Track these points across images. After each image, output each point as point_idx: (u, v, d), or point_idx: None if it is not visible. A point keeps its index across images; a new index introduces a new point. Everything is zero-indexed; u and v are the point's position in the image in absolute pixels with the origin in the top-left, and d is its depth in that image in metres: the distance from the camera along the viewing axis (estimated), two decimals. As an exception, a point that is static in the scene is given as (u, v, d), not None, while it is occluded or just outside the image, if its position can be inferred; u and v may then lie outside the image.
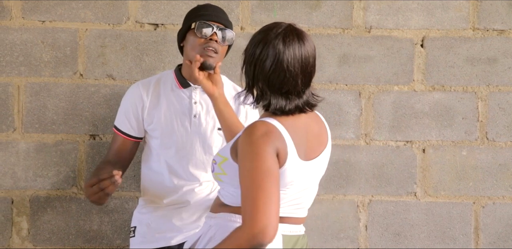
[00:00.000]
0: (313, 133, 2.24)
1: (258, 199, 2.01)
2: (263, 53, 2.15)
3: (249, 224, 2.00)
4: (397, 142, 3.45)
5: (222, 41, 2.81)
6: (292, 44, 2.16)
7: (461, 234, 3.46)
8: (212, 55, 2.78)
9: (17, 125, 3.35)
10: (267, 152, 2.06)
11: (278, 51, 2.14)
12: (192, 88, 2.89)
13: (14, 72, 3.35)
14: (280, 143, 2.11)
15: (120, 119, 2.95)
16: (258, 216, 1.99)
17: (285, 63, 2.14)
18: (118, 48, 3.38)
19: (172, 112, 2.87)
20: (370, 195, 3.44)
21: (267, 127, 2.11)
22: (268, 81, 2.15)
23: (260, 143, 2.07)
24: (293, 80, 2.15)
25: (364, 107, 3.45)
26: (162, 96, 2.90)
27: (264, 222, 1.99)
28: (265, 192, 2.01)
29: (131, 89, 2.95)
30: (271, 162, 2.06)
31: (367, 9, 3.45)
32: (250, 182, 2.04)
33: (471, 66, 3.47)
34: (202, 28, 2.79)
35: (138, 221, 2.97)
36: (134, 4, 3.38)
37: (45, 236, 3.36)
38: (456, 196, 3.46)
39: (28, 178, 3.35)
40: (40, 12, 3.35)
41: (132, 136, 2.94)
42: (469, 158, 3.46)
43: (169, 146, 2.87)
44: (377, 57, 3.45)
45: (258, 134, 2.08)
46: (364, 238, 3.44)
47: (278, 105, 2.16)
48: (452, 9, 3.46)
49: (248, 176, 2.05)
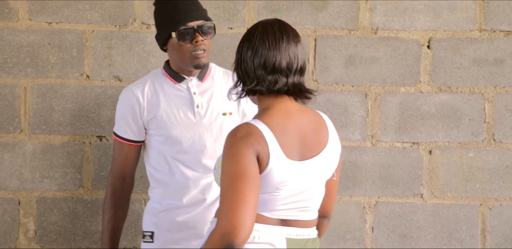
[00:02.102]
0: (309, 133, 2.22)
1: (230, 200, 2.04)
2: (245, 46, 2.22)
3: (220, 224, 2.04)
4: (404, 144, 3.45)
5: (206, 37, 2.78)
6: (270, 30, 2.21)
7: (468, 236, 3.45)
8: (203, 55, 2.78)
9: (23, 126, 3.36)
10: (244, 154, 2.08)
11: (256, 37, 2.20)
12: (188, 80, 2.85)
13: (21, 73, 3.36)
14: (261, 145, 2.11)
15: (119, 126, 2.90)
16: (228, 216, 2.02)
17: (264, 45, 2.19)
18: (124, 49, 3.39)
19: (173, 106, 2.83)
20: (377, 196, 3.44)
21: (248, 129, 2.13)
22: (255, 67, 2.19)
23: (238, 145, 2.09)
24: (276, 60, 2.18)
25: (370, 109, 3.45)
26: (159, 93, 2.85)
27: (234, 223, 2.02)
28: (238, 194, 2.04)
29: (124, 94, 2.90)
30: (248, 164, 2.08)
31: (374, 10, 3.44)
32: (225, 184, 2.08)
33: (478, 67, 3.46)
34: (184, 36, 2.76)
35: (155, 226, 2.89)
36: (140, 6, 3.39)
37: (51, 237, 3.37)
38: (463, 197, 3.45)
39: (35, 179, 3.36)
40: (46, 13, 3.36)
41: (134, 141, 2.90)
42: (475, 159, 3.45)
43: (177, 141, 2.82)
44: (383, 58, 3.44)
45: (238, 137, 2.11)
46: (370, 240, 3.43)
47: (266, 84, 2.19)
48: (459, 10, 3.45)
49: (224, 177, 2.09)
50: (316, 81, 3.43)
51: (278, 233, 2.18)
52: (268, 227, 2.18)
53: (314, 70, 3.44)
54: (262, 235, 2.17)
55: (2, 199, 3.35)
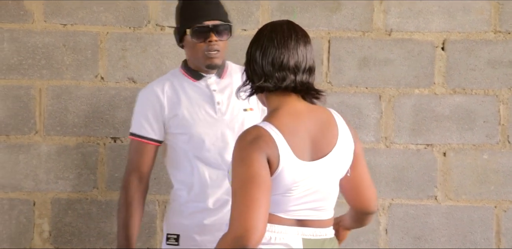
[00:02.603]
0: (318, 132, 2.21)
1: (242, 204, 2.06)
2: (254, 46, 2.23)
3: (232, 228, 2.06)
4: (418, 146, 3.44)
5: (221, 38, 2.77)
6: (278, 29, 2.22)
7: (482, 238, 3.43)
8: (216, 56, 2.77)
9: (38, 127, 3.38)
10: (254, 158, 2.10)
11: (265, 36, 2.21)
12: (207, 77, 2.84)
13: (36, 75, 3.37)
14: (270, 147, 2.12)
15: (138, 125, 2.87)
16: (241, 220, 2.05)
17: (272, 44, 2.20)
18: (138, 51, 3.40)
19: (194, 104, 2.82)
20: (390, 198, 3.43)
21: (257, 132, 2.13)
22: (263, 65, 2.20)
23: (248, 149, 2.11)
24: (284, 58, 2.20)
25: (384, 110, 3.44)
26: (179, 92, 2.84)
27: (246, 227, 2.04)
28: (250, 198, 2.06)
29: (144, 92, 2.88)
30: (258, 168, 2.09)
31: (388, 12, 3.44)
32: (236, 187, 2.09)
33: (493, 69, 3.44)
34: (198, 33, 2.76)
35: (181, 229, 2.86)
36: (154, 7, 3.40)
37: (66, 238, 3.38)
38: (477, 200, 3.44)
39: (50, 181, 3.37)
40: (61, 15, 3.38)
41: (153, 140, 2.87)
42: (490, 161, 3.44)
43: (200, 139, 2.80)
44: (397, 60, 3.44)
45: (247, 140, 2.12)
46: (384, 242, 3.43)
47: (273, 81, 2.20)
48: (474, 12, 3.44)
49: (234, 181, 2.11)
50: (330, 83, 3.43)
51: (294, 234, 2.19)
52: (284, 228, 2.18)
53: (328, 72, 3.44)
54: (278, 235, 2.18)
55: (17, 200, 3.37)
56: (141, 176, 2.89)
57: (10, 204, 3.36)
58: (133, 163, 2.90)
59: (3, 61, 3.36)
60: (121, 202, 2.91)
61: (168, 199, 3.33)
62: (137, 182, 2.88)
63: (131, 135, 2.89)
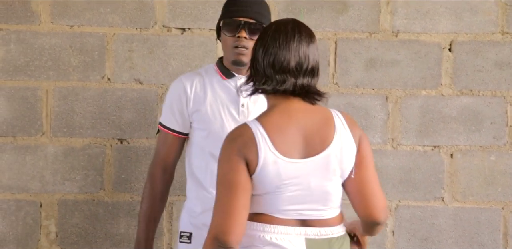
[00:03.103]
0: (313, 131, 2.21)
1: (218, 205, 2.16)
2: (258, 44, 2.25)
3: (211, 229, 2.16)
4: (425, 147, 3.43)
5: (251, 36, 2.76)
6: (282, 29, 2.23)
7: (490, 240, 3.42)
8: (243, 53, 2.76)
9: (45, 129, 3.38)
10: (231, 159, 2.17)
11: (269, 35, 2.23)
12: (237, 78, 2.83)
13: (43, 76, 3.38)
14: (248, 146, 2.16)
15: (166, 116, 2.88)
16: (218, 222, 2.15)
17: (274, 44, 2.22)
18: (145, 52, 3.40)
19: (219, 102, 2.82)
20: (397, 200, 3.43)
21: (239, 131, 2.20)
22: (264, 65, 2.22)
23: (227, 149, 2.19)
24: (285, 60, 2.21)
25: (391, 112, 3.44)
26: (207, 88, 2.84)
27: (223, 228, 2.14)
28: (224, 199, 2.15)
29: (173, 84, 2.89)
30: (233, 169, 2.16)
31: (395, 13, 3.43)
32: (216, 188, 2.19)
33: (500, 70, 3.44)
34: (229, 27, 2.77)
35: (194, 226, 2.86)
36: (161, 9, 3.40)
37: (73, 239, 3.38)
38: (485, 201, 3.43)
39: (56, 182, 3.38)
40: (68, 17, 3.38)
41: (177, 132, 2.87)
42: (497, 163, 3.43)
43: (218, 137, 2.75)
44: (404, 61, 3.43)
45: (228, 139, 2.21)
46: (391, 244, 3.42)
47: (273, 84, 2.22)
48: (481, 13, 3.43)
49: (216, 181, 2.20)
50: (337, 84, 3.42)
51: (296, 234, 2.19)
52: (285, 228, 2.19)
53: (334, 73, 3.43)
54: (279, 236, 2.18)
55: (24, 201, 3.37)
56: (165, 167, 2.91)
57: (17, 205, 3.37)
58: (159, 154, 2.92)
59: (10, 62, 3.37)
60: (144, 191, 2.94)
61: (175, 200, 3.34)
62: (162, 173, 2.91)
63: (159, 124, 2.91)
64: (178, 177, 3.29)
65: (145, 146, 3.38)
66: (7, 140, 3.37)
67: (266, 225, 2.19)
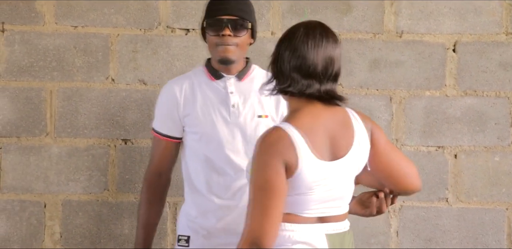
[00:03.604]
0: (337, 132, 2.26)
1: (256, 209, 2.15)
2: (284, 44, 2.25)
3: (246, 233, 2.14)
4: (429, 148, 3.43)
5: (236, 33, 2.76)
6: (311, 33, 2.24)
7: (494, 241, 3.42)
8: (229, 50, 2.75)
9: (49, 129, 3.38)
10: (272, 164, 2.15)
11: (297, 38, 2.23)
12: (226, 78, 2.83)
13: (47, 77, 3.38)
14: (289, 151, 2.16)
15: (158, 121, 2.89)
16: (254, 226, 2.13)
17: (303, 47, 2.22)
18: (149, 53, 3.40)
19: (209, 104, 2.81)
20: (401, 200, 3.42)
21: (278, 135, 2.17)
22: (290, 67, 2.23)
23: (266, 153, 2.16)
24: (312, 65, 2.22)
25: (395, 112, 3.44)
26: (196, 90, 2.83)
27: (260, 232, 2.13)
28: (262, 204, 2.14)
29: (163, 89, 2.90)
30: (274, 174, 2.15)
31: (399, 14, 3.43)
32: (252, 191, 2.16)
33: (504, 71, 3.43)
34: (212, 26, 2.76)
35: (191, 230, 2.86)
36: (165, 10, 3.40)
37: (77, 240, 3.38)
38: (489, 202, 3.43)
39: (60, 182, 3.38)
40: (72, 17, 3.38)
41: (172, 137, 2.87)
42: (502, 163, 3.43)
43: (210, 140, 2.79)
44: (408, 62, 3.43)
45: (267, 144, 2.17)
46: (395, 244, 3.42)
47: (298, 87, 2.23)
48: (485, 14, 3.43)
49: (251, 185, 2.17)
50: (341, 85, 3.42)
51: (317, 231, 2.23)
52: (306, 226, 2.23)
53: (338, 74, 3.43)
54: (301, 234, 2.22)
55: (28, 201, 3.37)
56: (161, 172, 2.91)
57: (21, 206, 3.37)
58: (153, 160, 2.92)
59: (14, 63, 3.37)
60: (141, 200, 2.95)
61: (179, 201, 3.35)
62: (157, 178, 2.91)
63: (152, 130, 2.91)
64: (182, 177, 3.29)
65: (149, 146, 3.37)
66: (11, 140, 3.37)
67: (294, 224, 2.23)
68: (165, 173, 2.93)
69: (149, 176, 2.93)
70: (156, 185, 2.93)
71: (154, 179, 2.92)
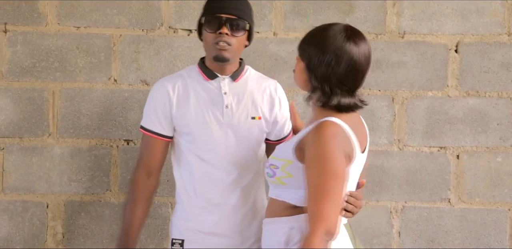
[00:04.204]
0: (359, 128, 2.39)
1: (325, 200, 2.19)
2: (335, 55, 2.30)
3: (319, 223, 2.17)
4: (431, 148, 3.43)
5: (233, 32, 2.74)
6: (360, 44, 2.32)
7: (496, 241, 3.42)
8: (225, 48, 2.73)
9: (52, 130, 3.38)
10: (336, 154, 2.22)
11: (351, 52, 2.30)
12: (220, 79, 2.81)
13: (50, 77, 3.38)
14: (347, 143, 2.27)
15: (148, 119, 2.84)
16: (328, 216, 2.18)
17: (357, 63, 2.31)
18: (151, 53, 3.40)
19: (202, 104, 2.79)
20: (404, 201, 3.43)
21: (335, 128, 2.26)
22: (339, 81, 2.31)
23: (329, 145, 2.23)
24: (360, 79, 2.35)
25: (398, 113, 3.44)
26: (190, 90, 2.81)
27: (333, 222, 2.18)
28: (331, 195, 2.19)
29: (155, 87, 2.85)
30: (339, 165, 2.22)
31: (401, 15, 3.43)
32: (319, 185, 2.21)
33: (507, 71, 3.44)
34: (211, 23, 2.74)
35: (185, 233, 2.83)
36: (167, 10, 3.40)
37: (79, 240, 3.39)
38: (491, 202, 3.43)
39: (63, 183, 3.38)
40: (75, 18, 3.38)
41: (162, 135, 2.83)
42: (504, 164, 3.43)
43: (203, 140, 2.77)
44: (410, 62, 3.43)
45: (328, 136, 2.24)
46: (397, 245, 3.42)
47: (341, 101, 2.33)
48: (487, 14, 3.43)
49: (316, 178, 2.22)
50: (343, 85, 3.42)
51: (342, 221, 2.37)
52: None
53: (341, 74, 3.43)
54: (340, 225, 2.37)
55: (30, 202, 3.37)
56: (150, 171, 2.85)
57: (23, 206, 3.37)
58: (143, 158, 2.87)
59: (17, 63, 3.37)
60: (128, 199, 2.88)
61: (181, 201, 3.34)
62: (145, 177, 2.85)
63: (141, 128, 2.86)
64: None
65: (151, 147, 3.38)
66: (14, 141, 3.37)
67: None
68: (154, 173, 2.86)
69: (137, 176, 2.86)
70: (143, 186, 2.85)
71: (143, 179, 2.85)
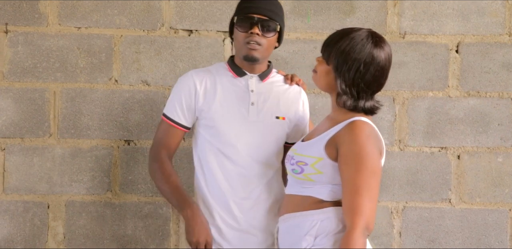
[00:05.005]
0: None
1: (366, 197, 2.30)
2: (364, 61, 2.41)
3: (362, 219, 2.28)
4: (432, 148, 3.43)
5: (264, 33, 2.77)
6: (385, 50, 2.45)
7: (497, 242, 3.42)
8: (255, 48, 2.76)
9: (53, 130, 3.38)
10: (373, 152, 2.34)
11: (378, 58, 2.43)
12: (248, 76, 2.85)
13: (51, 78, 3.38)
14: (379, 141, 2.40)
15: (171, 108, 2.87)
16: (368, 212, 2.29)
17: (384, 69, 2.45)
18: (152, 54, 3.40)
19: (229, 100, 2.83)
20: (404, 201, 3.43)
21: (369, 128, 2.39)
22: (366, 85, 2.43)
23: (366, 144, 2.35)
24: (384, 83, 2.49)
25: (398, 113, 3.44)
26: (217, 85, 2.84)
27: (372, 218, 2.30)
28: (370, 191, 2.31)
29: (183, 78, 2.88)
30: (376, 162, 2.34)
31: (402, 15, 3.43)
32: (357, 181, 2.31)
33: (507, 72, 3.44)
34: (242, 22, 2.78)
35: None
36: (168, 10, 3.41)
37: (80, 240, 3.39)
38: (492, 203, 3.43)
39: (64, 183, 3.38)
40: (76, 18, 3.38)
41: (182, 125, 2.86)
42: (505, 164, 3.43)
43: (226, 135, 2.80)
44: (411, 62, 3.43)
45: (365, 135, 2.36)
46: (398, 245, 3.42)
47: (366, 105, 2.45)
48: (488, 15, 3.43)
49: (355, 175, 2.32)
50: (344, 86, 3.43)
51: None
52: None
53: (341, 75, 3.43)
54: None
55: (31, 202, 3.37)
56: (169, 153, 2.88)
57: (24, 207, 3.37)
58: (162, 141, 2.88)
59: (17, 64, 3.37)
60: (159, 172, 2.86)
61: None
62: (167, 158, 2.87)
63: (163, 115, 2.89)
64: (184, 179, 3.29)
65: (152, 147, 3.38)
66: (15, 141, 3.37)
67: None
68: (171, 156, 2.89)
69: (160, 154, 2.86)
70: (168, 163, 2.86)
71: (166, 159, 2.86)
